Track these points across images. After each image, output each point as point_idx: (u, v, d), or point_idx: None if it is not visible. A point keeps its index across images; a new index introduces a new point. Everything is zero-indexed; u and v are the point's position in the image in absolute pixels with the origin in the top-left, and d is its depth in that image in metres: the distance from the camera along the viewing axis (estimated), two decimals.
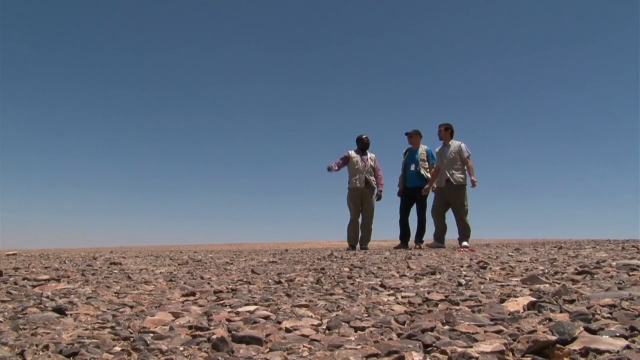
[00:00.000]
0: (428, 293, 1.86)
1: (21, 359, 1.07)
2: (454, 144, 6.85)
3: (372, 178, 7.21)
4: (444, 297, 1.74)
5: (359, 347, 1.10)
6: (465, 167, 6.71)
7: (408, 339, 1.15)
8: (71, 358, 1.08)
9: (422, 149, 7.32)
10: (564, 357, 0.96)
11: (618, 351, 0.95)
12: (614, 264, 2.55)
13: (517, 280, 2.13)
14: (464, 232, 6.72)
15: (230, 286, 2.31)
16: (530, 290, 1.80)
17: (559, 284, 1.90)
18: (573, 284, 1.91)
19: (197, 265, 3.83)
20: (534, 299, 1.52)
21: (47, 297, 1.97)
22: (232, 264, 3.97)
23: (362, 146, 7.35)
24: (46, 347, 1.14)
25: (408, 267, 3.09)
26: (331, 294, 1.96)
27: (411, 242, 7.32)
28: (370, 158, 7.29)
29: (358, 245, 7.26)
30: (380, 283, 2.24)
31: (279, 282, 2.44)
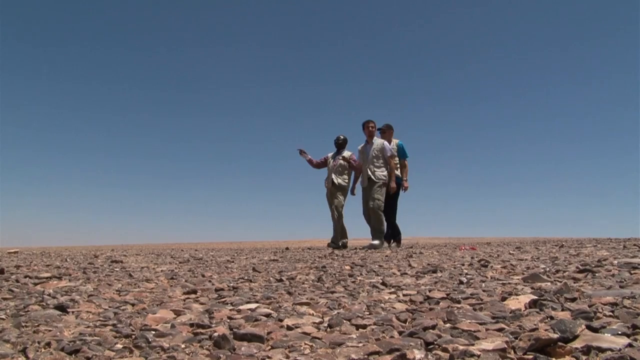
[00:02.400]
0: (429, 291, 1.86)
1: (23, 356, 1.07)
2: (377, 141, 6.69)
3: (343, 177, 7.15)
4: (445, 295, 1.74)
5: (360, 344, 1.10)
6: (397, 166, 6.68)
7: (409, 336, 1.15)
8: (73, 355, 1.08)
9: (394, 143, 7.02)
10: (565, 355, 0.96)
11: (620, 349, 0.95)
12: (615, 262, 2.55)
13: (518, 279, 2.13)
14: (377, 228, 6.51)
15: (232, 284, 2.31)
16: (532, 288, 1.80)
17: (560, 282, 1.90)
18: (574, 282, 1.90)
19: (198, 263, 3.84)
20: (536, 297, 1.52)
21: (49, 294, 1.98)
22: (233, 262, 3.97)
23: (336, 146, 7.35)
24: (48, 344, 1.14)
25: (409, 265, 3.09)
26: (332, 292, 1.96)
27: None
28: (343, 157, 7.19)
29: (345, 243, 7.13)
30: (381, 281, 2.24)
31: (280, 280, 2.44)
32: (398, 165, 6.89)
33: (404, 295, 1.81)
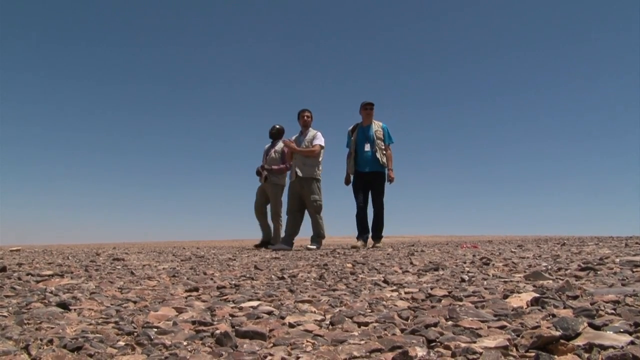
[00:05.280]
0: (431, 289, 1.86)
1: (26, 353, 1.08)
2: (310, 132, 6.21)
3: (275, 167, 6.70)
4: (447, 293, 1.74)
5: (362, 342, 1.10)
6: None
7: (411, 334, 1.15)
8: (75, 352, 1.08)
9: (377, 125, 6.15)
10: (567, 352, 0.96)
11: (622, 347, 0.94)
12: (617, 260, 2.55)
13: (520, 277, 2.13)
14: (316, 231, 6.03)
15: (233, 282, 2.32)
16: (534, 286, 1.80)
17: (562, 280, 1.90)
18: (576, 280, 1.90)
19: (200, 261, 3.84)
20: (538, 295, 1.52)
21: (51, 292, 1.98)
22: (234, 259, 3.98)
23: (270, 137, 7.00)
24: (50, 341, 1.15)
25: (411, 263, 3.09)
26: (334, 290, 1.97)
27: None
28: (275, 150, 6.82)
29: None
30: (383, 279, 2.24)
31: (282, 278, 2.44)
32: (384, 152, 6.10)
33: (405, 293, 1.81)
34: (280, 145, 6.83)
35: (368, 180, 6.10)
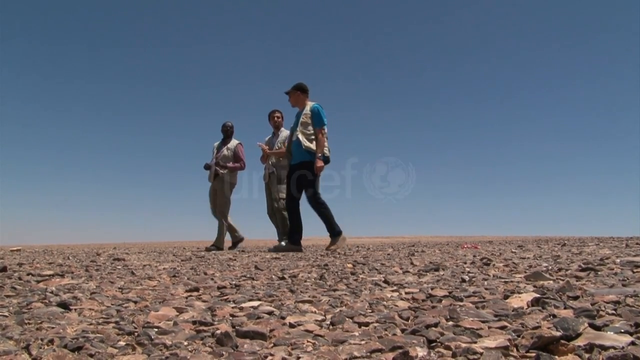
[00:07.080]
0: (432, 289, 1.86)
1: (26, 353, 1.08)
2: (283, 133, 6.27)
3: (227, 170, 6.74)
4: (447, 293, 1.74)
5: (363, 342, 1.10)
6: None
7: (412, 334, 1.15)
8: (76, 352, 1.08)
9: (307, 107, 5.36)
10: (568, 353, 0.96)
11: (623, 347, 0.94)
12: (617, 260, 2.54)
13: (520, 277, 2.13)
14: (284, 230, 6.03)
15: (234, 282, 2.32)
16: (534, 286, 1.80)
17: (562, 280, 1.90)
18: (577, 281, 1.90)
19: (201, 261, 3.84)
20: (538, 296, 1.52)
21: (52, 292, 1.98)
22: (235, 260, 3.98)
23: (223, 134, 6.99)
24: (51, 341, 1.15)
25: (411, 263, 3.09)
26: (335, 290, 1.96)
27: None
28: (228, 148, 6.82)
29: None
30: (383, 279, 2.24)
31: (283, 278, 2.44)
32: (311, 138, 5.27)
33: (406, 293, 1.81)
34: (233, 143, 6.84)
35: (293, 173, 5.41)
